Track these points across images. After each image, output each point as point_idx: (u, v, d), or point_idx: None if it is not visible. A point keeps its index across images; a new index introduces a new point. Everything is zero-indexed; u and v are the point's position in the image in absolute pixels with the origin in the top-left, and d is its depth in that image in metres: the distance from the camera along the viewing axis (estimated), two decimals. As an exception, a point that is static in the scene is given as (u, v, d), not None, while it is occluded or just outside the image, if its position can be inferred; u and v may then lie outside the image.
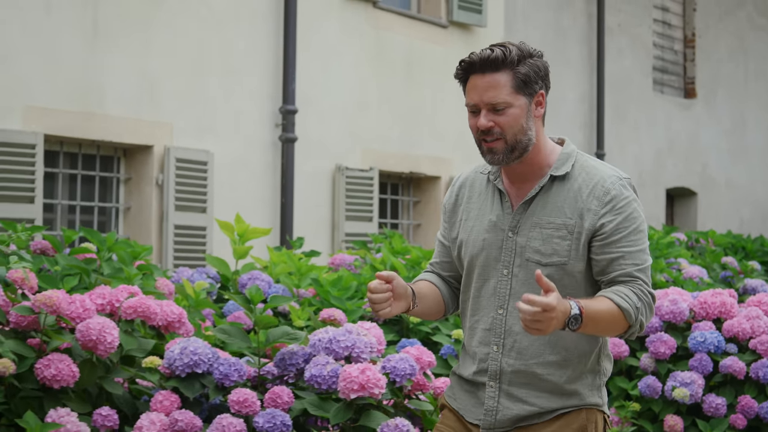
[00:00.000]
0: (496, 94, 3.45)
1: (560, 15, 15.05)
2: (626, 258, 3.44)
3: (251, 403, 4.71)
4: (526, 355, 3.53)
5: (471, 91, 3.50)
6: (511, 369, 3.53)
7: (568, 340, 3.50)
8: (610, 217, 3.44)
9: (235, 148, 10.28)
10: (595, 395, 3.57)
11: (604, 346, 3.61)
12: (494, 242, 3.58)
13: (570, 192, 3.51)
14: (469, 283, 3.66)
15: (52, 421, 4.45)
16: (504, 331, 3.54)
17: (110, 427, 4.68)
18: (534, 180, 3.57)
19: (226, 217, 9.74)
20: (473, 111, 3.50)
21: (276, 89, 10.63)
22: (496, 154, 3.48)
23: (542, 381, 3.53)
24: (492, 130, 3.46)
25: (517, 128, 3.47)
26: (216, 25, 10.13)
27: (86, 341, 4.67)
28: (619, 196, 3.48)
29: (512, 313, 3.53)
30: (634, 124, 16.23)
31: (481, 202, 3.67)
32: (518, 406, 3.54)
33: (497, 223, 3.59)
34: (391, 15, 11.88)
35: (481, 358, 3.59)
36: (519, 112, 3.47)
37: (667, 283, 8.57)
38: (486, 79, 3.45)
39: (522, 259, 3.53)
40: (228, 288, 6.79)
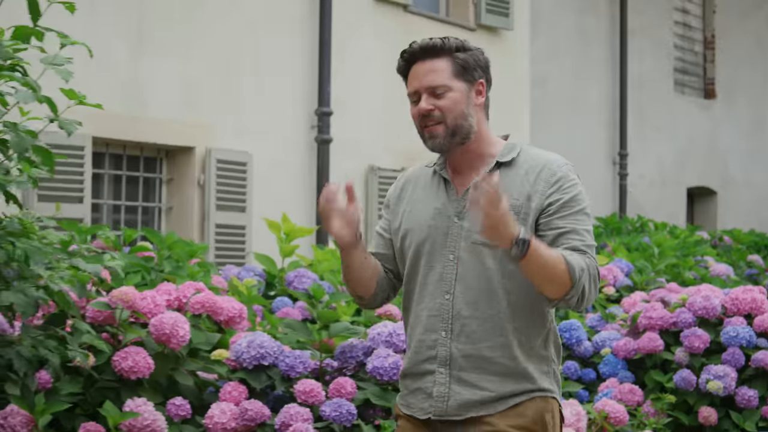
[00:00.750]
0: (435, 77, 3.47)
1: (584, 17, 15.23)
2: (573, 234, 3.44)
3: (317, 393, 4.98)
4: (475, 338, 3.49)
5: (412, 80, 3.51)
6: (461, 353, 3.49)
7: (514, 323, 3.46)
8: (557, 195, 3.45)
9: (272, 149, 10.52)
10: (547, 381, 3.53)
11: (552, 332, 3.57)
12: (440, 228, 3.57)
13: (516, 177, 3.52)
14: (415, 272, 3.61)
15: (130, 410, 4.69)
16: (452, 315, 3.50)
17: (183, 416, 4.94)
18: (478, 168, 3.56)
19: (264, 215, 10.01)
20: (414, 100, 3.51)
21: (312, 92, 10.86)
22: (437, 138, 3.48)
23: (492, 364, 3.47)
24: (432, 114, 3.46)
25: (457, 112, 3.48)
26: (254, 30, 10.37)
27: (160, 335, 4.93)
28: (566, 178, 3.50)
29: (459, 298, 3.50)
30: (655, 125, 16.36)
31: (426, 193, 3.65)
32: (469, 391, 3.49)
33: (442, 209, 3.58)
34: (422, 19, 12.10)
35: (429, 345, 3.54)
36: (458, 97, 3.49)
37: (695, 280, 8.83)
38: (426, 65, 3.48)
39: (468, 243, 3.51)
40: (274, 285, 7.04)
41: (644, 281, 8.38)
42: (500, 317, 3.46)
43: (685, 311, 6.73)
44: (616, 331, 7.17)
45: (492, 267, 3.46)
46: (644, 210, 14.99)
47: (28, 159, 3.69)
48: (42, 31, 3.60)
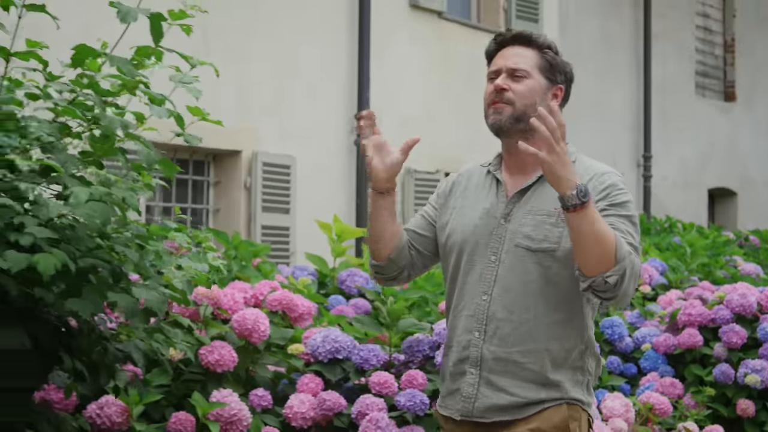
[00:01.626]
0: (519, 60, 3.46)
1: (609, 22, 15.46)
2: (618, 231, 3.31)
3: (390, 384, 5.30)
4: (508, 342, 3.44)
5: (498, 59, 3.52)
6: (493, 356, 3.45)
7: (550, 330, 3.43)
8: (605, 202, 3.39)
9: (315, 153, 10.84)
10: (579, 391, 3.48)
11: (590, 344, 3.52)
12: (485, 229, 3.53)
13: None
14: (457, 271, 3.59)
15: (217, 401, 5.02)
16: (486, 317, 3.46)
17: (264, 406, 5.26)
18: (531, 172, 3.53)
19: (308, 217, 10.32)
20: (492, 77, 3.52)
21: (351, 97, 11.17)
22: (500, 115, 3.46)
23: (523, 369, 3.43)
24: (504, 93, 3.45)
25: (529, 101, 3.45)
26: (298, 38, 10.68)
27: (242, 330, 5.26)
28: (615, 187, 3.45)
29: (496, 299, 3.46)
30: (678, 127, 16.58)
31: (477, 192, 3.63)
32: (497, 396, 3.45)
33: (490, 210, 3.55)
34: (455, 25, 12.41)
35: (464, 346, 3.51)
36: (535, 87, 3.47)
37: (725, 279, 9.13)
38: (515, 50, 3.50)
39: (511, 245, 3.46)
40: (326, 284, 7.34)
41: (678, 280, 8.69)
42: (536, 323, 3.43)
43: (722, 308, 7.05)
44: (655, 328, 7.48)
45: (533, 272, 3.44)
46: (667, 210, 15.23)
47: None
48: (161, 51, 3.93)
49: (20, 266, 3.34)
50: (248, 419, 5.02)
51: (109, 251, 3.67)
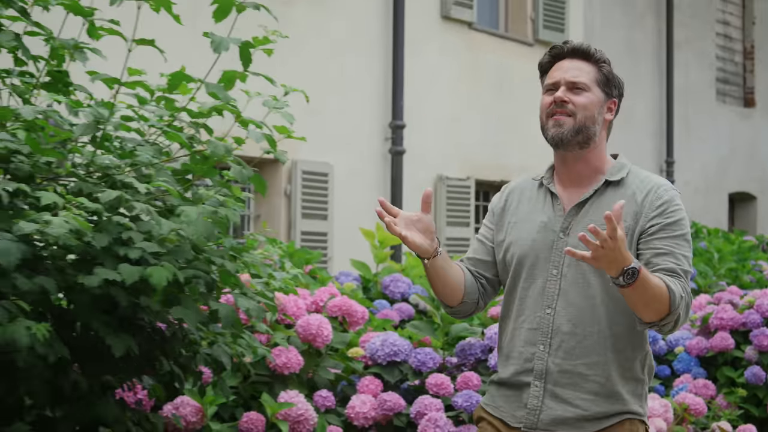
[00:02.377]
0: (579, 74, 3.47)
1: (632, 32, 15.67)
2: (671, 256, 3.39)
3: (447, 386, 5.60)
4: (573, 354, 3.46)
5: (555, 71, 3.52)
6: (558, 369, 3.47)
7: (614, 343, 3.45)
8: (660, 219, 3.41)
9: (351, 161, 11.12)
10: (638, 404, 3.52)
11: (649, 354, 3.56)
12: (544, 243, 3.53)
13: (625, 197, 3.46)
14: (516, 284, 3.58)
15: (284, 401, 5.32)
16: (551, 330, 3.48)
17: (328, 407, 5.57)
18: (587, 185, 3.54)
19: (345, 223, 10.66)
20: (550, 89, 3.51)
21: (386, 106, 11.46)
22: (562, 128, 3.46)
23: (587, 382, 3.46)
24: (565, 105, 3.45)
25: (589, 113, 3.46)
26: (336, 51, 10.96)
27: (306, 335, 5.56)
28: (671, 202, 3.46)
29: (560, 313, 3.47)
30: (699, 133, 16.78)
31: (532, 206, 3.62)
32: (562, 407, 3.46)
33: (548, 224, 3.54)
34: (484, 35, 12.68)
35: (527, 358, 3.51)
36: (595, 100, 3.48)
37: (752, 283, 9.43)
38: (574, 63, 3.50)
39: (572, 260, 3.46)
40: (369, 288, 7.62)
41: (707, 284, 8.99)
42: (600, 336, 3.45)
43: (753, 312, 7.35)
44: (687, 331, 7.78)
45: (596, 285, 3.45)
46: (690, 215, 15.42)
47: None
48: (246, 74, 4.25)
49: (133, 278, 3.65)
50: (314, 419, 5.31)
51: (206, 263, 3.98)
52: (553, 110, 3.47)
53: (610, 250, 3.10)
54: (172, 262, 3.84)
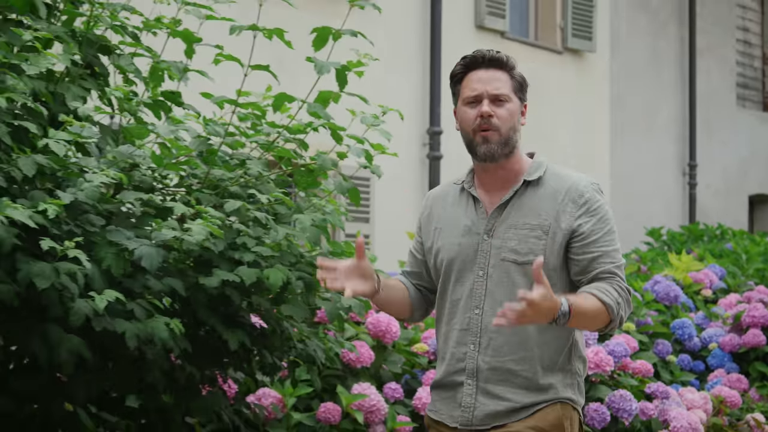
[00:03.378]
0: (500, 86, 3.49)
1: (656, 39, 15.99)
2: (604, 257, 3.50)
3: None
4: (501, 352, 3.53)
5: (474, 83, 3.52)
6: (488, 366, 3.54)
7: (539, 337, 3.53)
8: (586, 218, 3.51)
9: (391, 166, 11.51)
10: (569, 391, 3.59)
11: (576, 346, 3.63)
12: (470, 246, 3.58)
13: (544, 195, 3.55)
14: (446, 288, 3.64)
15: (358, 393, 5.75)
16: (480, 329, 3.55)
17: (397, 398, 6.01)
18: (507, 187, 3.57)
19: (386, 226, 11.11)
20: (472, 102, 3.52)
21: (424, 113, 11.88)
22: (491, 144, 3.49)
23: (517, 377, 3.53)
24: (491, 120, 3.47)
25: (511, 124, 3.50)
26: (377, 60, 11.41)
27: (377, 331, 6.01)
28: (593, 199, 3.54)
29: (487, 313, 3.53)
30: (720, 137, 17.09)
31: (455, 210, 3.65)
32: (494, 402, 3.54)
33: (472, 227, 3.59)
34: (516, 43, 13.09)
35: (459, 358, 3.59)
36: (514, 110, 3.51)
37: (779, 283, 9.84)
38: (490, 73, 3.52)
39: (497, 260, 3.54)
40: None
41: (736, 284, 9.41)
42: (526, 332, 3.51)
43: (783, 310, 7.84)
44: (720, 328, 8.23)
45: (521, 284, 3.50)
46: (710, 217, 15.77)
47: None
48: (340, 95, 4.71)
49: (251, 279, 4.11)
50: (385, 409, 5.74)
51: (308, 265, 4.43)
52: (479, 125, 3.49)
53: (532, 313, 3.20)
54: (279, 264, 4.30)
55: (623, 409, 5.88)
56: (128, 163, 4.20)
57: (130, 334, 3.81)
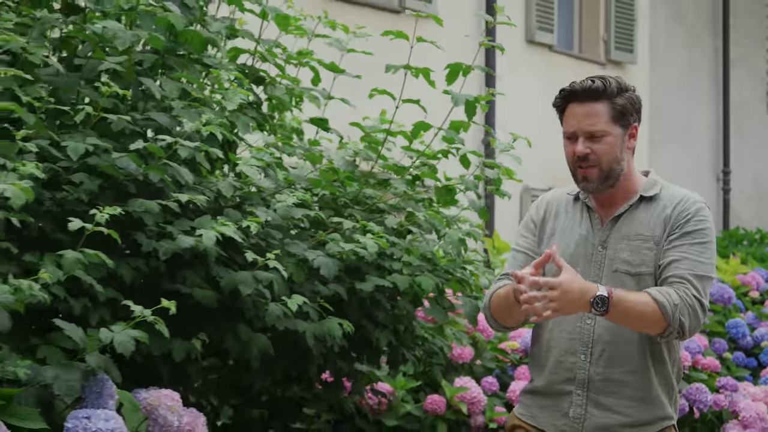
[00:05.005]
0: (594, 122, 3.44)
1: (692, 51, 16.52)
2: (683, 262, 3.43)
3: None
4: (614, 362, 3.49)
5: (570, 119, 3.49)
6: (600, 377, 3.49)
7: (652, 349, 3.50)
8: (683, 228, 3.47)
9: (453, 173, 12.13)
10: (672, 408, 3.59)
11: (678, 360, 3.60)
12: (583, 255, 3.55)
13: (656, 210, 3.53)
14: None
15: (460, 386, 6.32)
16: (592, 340, 3.50)
17: (494, 391, 6.59)
18: (621, 201, 3.57)
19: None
20: (570, 137, 3.50)
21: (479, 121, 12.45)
22: (590, 182, 3.48)
23: (629, 388, 3.49)
24: (588, 157, 3.44)
25: (612, 157, 3.46)
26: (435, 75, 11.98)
27: (478, 329, 6.60)
28: (698, 213, 3.50)
29: (600, 323, 3.48)
30: (752, 144, 17.57)
31: (569, 219, 3.63)
32: (605, 415, 3.51)
33: (587, 237, 3.57)
34: (562, 56, 13.71)
35: (567, 367, 3.54)
36: (614, 141, 3.45)
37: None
38: (585, 108, 3.46)
39: (610, 271, 3.50)
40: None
41: (781, 286, 10.00)
42: (639, 343, 3.48)
43: (830, 310, 8.44)
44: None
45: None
46: (743, 221, 16.28)
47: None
48: (470, 124, 5.29)
49: (404, 286, 4.72)
50: (484, 401, 6.28)
51: (443, 272, 5.05)
52: (578, 164, 3.48)
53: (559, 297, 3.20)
54: (419, 271, 4.92)
55: (699, 400, 6.48)
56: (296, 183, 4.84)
57: (309, 333, 4.41)
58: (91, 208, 3.88)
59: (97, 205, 3.86)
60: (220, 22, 4.78)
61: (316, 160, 4.83)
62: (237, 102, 4.34)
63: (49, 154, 4.03)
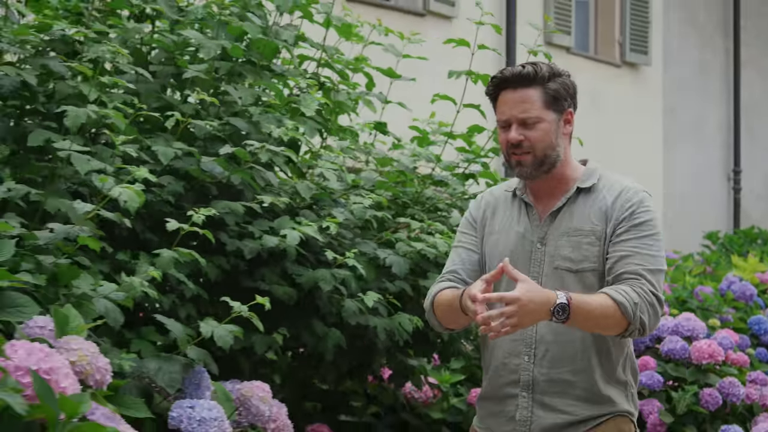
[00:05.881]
0: (527, 108, 3.36)
1: (704, 52, 16.74)
2: (635, 257, 3.33)
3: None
4: (558, 362, 3.40)
5: (502, 106, 3.40)
6: (544, 378, 3.41)
7: (596, 347, 3.41)
8: (628, 221, 3.35)
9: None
10: (627, 404, 3.49)
11: (630, 357, 3.52)
12: (522, 253, 3.45)
13: (596, 202, 3.42)
14: None
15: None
16: (535, 340, 3.41)
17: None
18: (560, 194, 3.47)
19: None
20: (504, 126, 3.41)
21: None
22: (524, 167, 3.39)
23: (574, 388, 3.41)
24: (522, 144, 3.36)
25: (546, 143, 3.37)
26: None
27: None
28: (641, 203, 3.40)
29: (542, 323, 3.35)
30: (762, 144, 17.79)
31: (506, 217, 3.54)
32: (552, 416, 3.42)
33: (525, 234, 3.47)
34: (579, 58, 13.93)
35: (511, 369, 3.45)
36: (548, 128, 3.38)
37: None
38: (518, 94, 3.37)
39: (551, 268, 3.41)
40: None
41: (791, 280, 10.24)
42: (583, 342, 3.40)
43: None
44: (785, 320, 9.06)
45: (576, 291, 3.32)
46: (753, 220, 16.49)
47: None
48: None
49: (466, 283, 4.94)
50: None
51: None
52: (512, 150, 3.41)
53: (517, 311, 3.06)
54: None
55: (732, 393, 6.71)
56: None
57: (380, 328, 4.64)
58: (176, 209, 4.08)
59: (181, 207, 4.05)
60: (288, 30, 4.99)
61: (386, 163, 5.05)
62: (314, 108, 4.55)
63: (132, 158, 4.23)
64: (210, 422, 3.61)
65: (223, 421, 3.65)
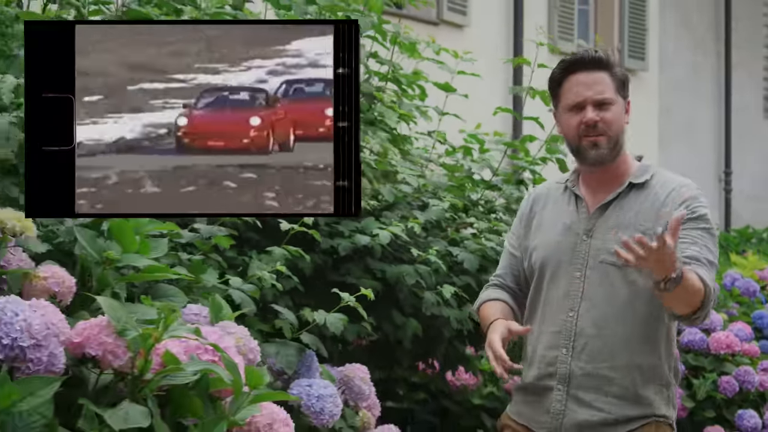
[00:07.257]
0: (602, 89, 3.33)
1: (696, 54, 17.08)
2: (695, 245, 3.26)
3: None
4: (597, 357, 3.34)
5: (576, 87, 3.36)
6: (581, 372, 3.36)
7: (639, 344, 3.35)
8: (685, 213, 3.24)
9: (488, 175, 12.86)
10: (665, 407, 3.40)
11: (675, 358, 3.47)
12: (567, 245, 3.42)
13: (647, 198, 3.37)
14: (540, 287, 3.48)
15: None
16: (575, 333, 3.36)
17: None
18: (612, 188, 3.42)
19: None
20: (574, 108, 3.36)
21: (508, 128, 13.07)
22: (601, 149, 3.33)
23: (612, 385, 3.34)
24: (597, 125, 3.32)
25: (619, 126, 3.35)
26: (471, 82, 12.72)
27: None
28: (696, 199, 3.36)
29: (583, 316, 3.34)
30: (751, 145, 18.10)
31: (557, 209, 3.51)
32: (586, 411, 3.36)
33: (571, 226, 3.44)
34: (580, 63, 14.46)
35: (549, 362, 3.41)
36: (620, 111, 3.37)
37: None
38: (592, 76, 3.35)
39: (595, 262, 3.36)
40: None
41: (794, 277, 10.78)
42: (625, 338, 3.34)
43: None
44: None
45: (620, 287, 3.34)
46: (743, 220, 16.84)
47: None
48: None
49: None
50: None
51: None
52: (586, 132, 3.37)
53: (656, 259, 2.99)
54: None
55: (748, 381, 7.26)
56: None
57: (453, 318, 5.12)
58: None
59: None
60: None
61: (457, 169, 5.55)
62: (395, 119, 5.04)
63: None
64: (326, 398, 4.08)
65: (336, 398, 4.12)
